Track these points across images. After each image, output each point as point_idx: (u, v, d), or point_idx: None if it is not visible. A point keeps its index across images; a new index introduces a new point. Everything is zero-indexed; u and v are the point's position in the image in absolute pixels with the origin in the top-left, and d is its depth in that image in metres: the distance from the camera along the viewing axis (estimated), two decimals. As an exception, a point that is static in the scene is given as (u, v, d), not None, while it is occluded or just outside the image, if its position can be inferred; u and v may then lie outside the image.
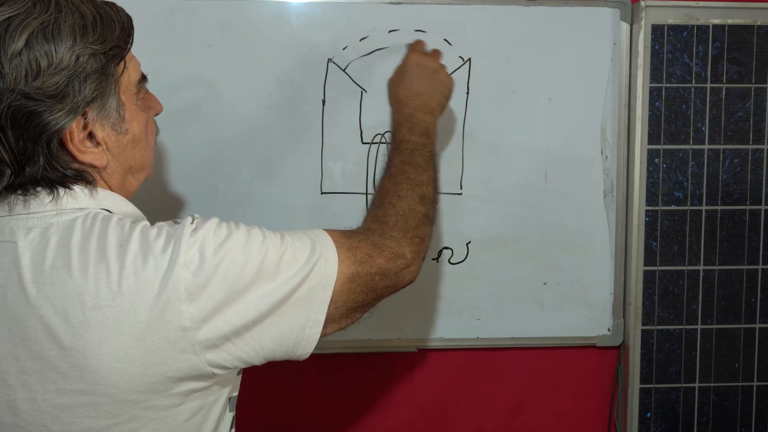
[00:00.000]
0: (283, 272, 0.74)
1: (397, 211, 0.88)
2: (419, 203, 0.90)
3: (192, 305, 0.69)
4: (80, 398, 0.69)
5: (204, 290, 0.70)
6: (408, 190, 0.91)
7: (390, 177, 0.93)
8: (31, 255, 0.70)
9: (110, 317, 0.68)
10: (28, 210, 0.72)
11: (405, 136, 0.97)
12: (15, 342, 0.69)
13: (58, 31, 0.69)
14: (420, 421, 1.35)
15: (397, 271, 0.84)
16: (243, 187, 1.23)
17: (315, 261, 0.76)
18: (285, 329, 0.75)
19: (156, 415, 0.71)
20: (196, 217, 0.75)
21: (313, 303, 0.76)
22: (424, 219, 0.90)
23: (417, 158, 0.95)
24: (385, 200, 0.90)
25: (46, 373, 0.68)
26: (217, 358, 0.72)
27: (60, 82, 0.69)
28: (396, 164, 0.94)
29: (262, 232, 0.76)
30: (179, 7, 1.18)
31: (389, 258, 0.83)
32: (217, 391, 0.76)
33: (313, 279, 0.76)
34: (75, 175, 0.73)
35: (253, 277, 0.72)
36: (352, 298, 0.80)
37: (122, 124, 0.77)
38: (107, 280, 0.68)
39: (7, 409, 0.70)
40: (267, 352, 0.75)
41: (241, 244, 0.73)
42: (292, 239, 0.77)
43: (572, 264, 1.29)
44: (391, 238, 0.85)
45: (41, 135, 0.69)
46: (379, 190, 0.93)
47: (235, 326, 0.72)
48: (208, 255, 0.71)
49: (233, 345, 0.72)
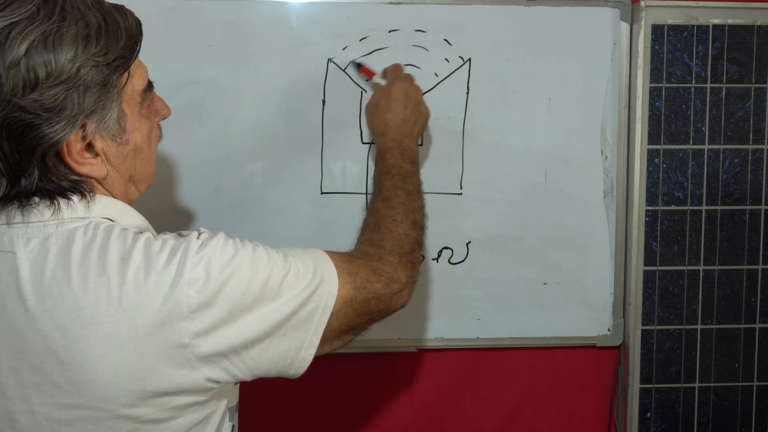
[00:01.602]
0: (285, 293, 0.74)
1: (394, 236, 0.90)
2: (412, 229, 0.93)
3: (193, 322, 0.69)
4: (78, 412, 0.68)
5: (207, 308, 0.69)
6: (403, 215, 0.93)
7: (383, 200, 0.94)
8: (31, 266, 0.68)
9: (110, 333, 0.67)
10: (27, 220, 0.70)
11: (396, 161, 0.99)
12: (14, 354, 0.68)
13: (60, 40, 0.66)
14: (420, 421, 1.35)
15: (391, 296, 0.85)
16: (243, 187, 1.23)
17: (317, 284, 0.77)
18: (282, 350, 0.75)
19: (153, 428, 0.71)
20: (203, 232, 0.74)
21: (311, 325, 0.77)
22: (417, 245, 0.93)
23: (409, 185, 0.97)
24: (381, 224, 0.91)
25: (44, 386, 0.68)
26: (213, 373, 0.71)
27: (58, 95, 0.66)
28: (389, 188, 0.96)
29: (266, 251, 0.76)
30: (179, 7, 1.18)
31: (386, 283, 0.84)
32: (215, 403, 0.76)
33: (313, 302, 0.76)
34: (72, 186, 0.71)
35: (256, 296, 0.72)
36: (346, 321, 0.80)
37: (123, 135, 0.74)
38: (107, 294, 0.67)
39: (6, 420, 0.69)
40: (261, 371, 0.76)
41: (247, 263, 0.73)
42: (295, 260, 0.77)
43: (572, 264, 1.29)
44: (388, 263, 0.86)
45: (37, 147, 0.67)
46: (373, 213, 0.94)
47: (234, 344, 0.71)
48: (214, 273, 0.70)
49: (230, 362, 0.72)
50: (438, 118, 1.23)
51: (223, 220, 1.21)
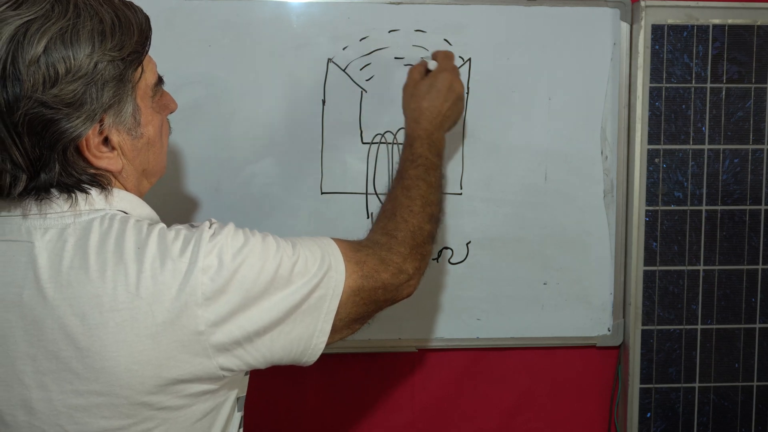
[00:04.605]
0: (295, 280, 0.75)
1: (408, 227, 0.90)
2: (428, 222, 0.93)
3: (208, 309, 0.70)
4: (96, 399, 0.69)
5: (221, 295, 0.71)
6: (420, 207, 0.93)
7: (404, 189, 0.94)
8: (48, 255, 0.70)
9: (128, 319, 0.68)
10: (45, 211, 0.71)
11: (423, 151, 0.99)
12: (31, 342, 0.69)
13: (77, 37, 0.68)
14: (420, 421, 1.35)
15: (398, 285, 0.86)
16: (243, 187, 1.23)
17: (325, 271, 0.78)
18: (295, 337, 0.76)
19: (169, 415, 0.72)
20: (214, 222, 0.76)
21: (321, 312, 0.78)
22: (429, 238, 0.93)
23: (431, 177, 0.97)
24: (397, 213, 0.91)
25: (61, 373, 0.69)
26: (227, 362, 0.73)
27: (78, 90, 0.68)
28: (411, 177, 0.95)
29: (275, 240, 0.77)
30: (179, 7, 1.18)
31: (394, 273, 0.85)
32: (226, 392, 0.77)
33: (322, 288, 0.77)
34: (90, 179, 0.73)
35: (267, 284, 0.73)
36: (354, 310, 0.81)
37: (138, 129, 0.76)
38: (125, 282, 0.68)
39: (23, 408, 0.70)
40: (275, 358, 0.77)
41: (258, 251, 0.74)
42: (303, 248, 0.78)
43: (572, 264, 1.29)
44: (398, 254, 0.87)
45: (57, 142, 0.69)
46: (392, 200, 0.94)
47: (248, 332, 0.72)
48: (226, 260, 0.71)
49: (244, 350, 0.73)
50: (438, 118, 1.24)
51: (223, 220, 1.20)
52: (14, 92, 0.66)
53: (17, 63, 0.66)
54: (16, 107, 0.66)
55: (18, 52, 0.66)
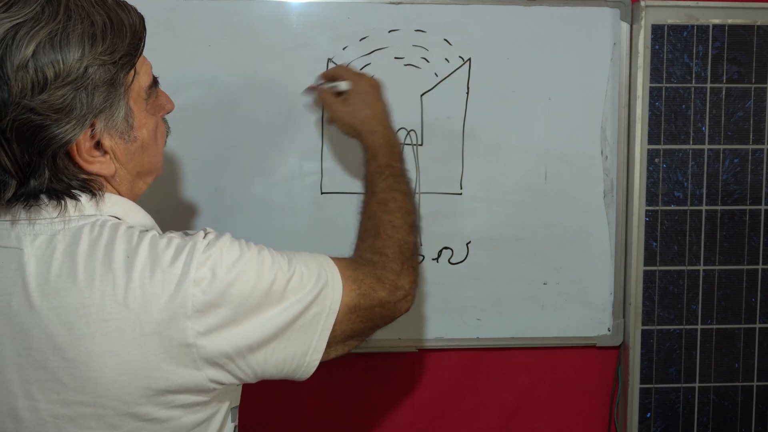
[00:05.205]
0: (289, 296, 0.74)
1: (395, 242, 0.89)
2: (410, 233, 0.92)
3: (198, 322, 0.69)
4: (82, 410, 0.68)
5: (212, 308, 0.69)
6: (401, 219, 0.92)
7: (380, 204, 0.93)
8: (37, 263, 0.68)
9: (115, 330, 0.67)
10: (34, 218, 0.70)
11: (388, 160, 0.98)
12: (18, 351, 0.68)
13: (67, 40, 0.66)
14: (420, 421, 1.35)
15: (395, 302, 0.85)
16: (243, 186, 1.23)
17: (321, 288, 0.77)
18: (288, 354, 0.75)
19: (157, 427, 0.71)
20: (209, 232, 0.74)
21: (317, 329, 0.77)
22: (415, 248, 0.93)
23: (402, 185, 0.96)
24: (380, 230, 0.90)
25: (48, 383, 0.68)
26: (217, 375, 0.72)
27: (67, 95, 0.66)
28: (384, 189, 0.94)
29: (270, 254, 0.76)
30: (179, 7, 1.18)
31: (390, 291, 0.84)
32: (217, 404, 0.76)
33: (317, 305, 0.76)
34: (81, 185, 0.71)
35: (261, 299, 0.72)
36: (350, 327, 0.80)
37: (131, 132, 0.74)
38: (113, 292, 0.67)
39: (9, 416, 0.70)
40: (267, 374, 0.76)
41: (253, 265, 0.73)
42: (299, 264, 0.77)
43: (572, 264, 1.29)
44: (392, 271, 0.86)
45: (47, 148, 0.67)
46: (371, 217, 0.93)
47: (239, 347, 0.71)
48: (220, 273, 0.70)
49: (235, 365, 0.72)
50: (438, 118, 1.23)
51: (223, 220, 1.21)
52: (2, 97, 0.64)
53: (5, 67, 0.64)
54: (3, 113, 0.65)
55: (6, 57, 0.64)
